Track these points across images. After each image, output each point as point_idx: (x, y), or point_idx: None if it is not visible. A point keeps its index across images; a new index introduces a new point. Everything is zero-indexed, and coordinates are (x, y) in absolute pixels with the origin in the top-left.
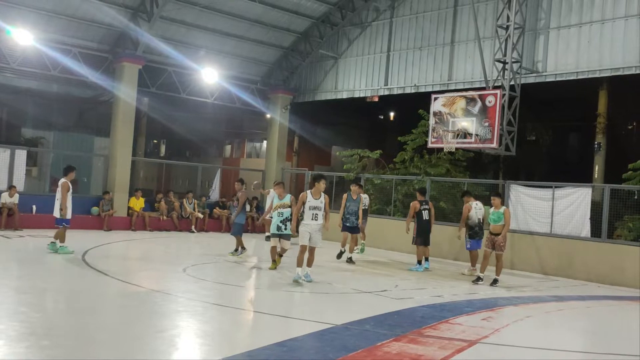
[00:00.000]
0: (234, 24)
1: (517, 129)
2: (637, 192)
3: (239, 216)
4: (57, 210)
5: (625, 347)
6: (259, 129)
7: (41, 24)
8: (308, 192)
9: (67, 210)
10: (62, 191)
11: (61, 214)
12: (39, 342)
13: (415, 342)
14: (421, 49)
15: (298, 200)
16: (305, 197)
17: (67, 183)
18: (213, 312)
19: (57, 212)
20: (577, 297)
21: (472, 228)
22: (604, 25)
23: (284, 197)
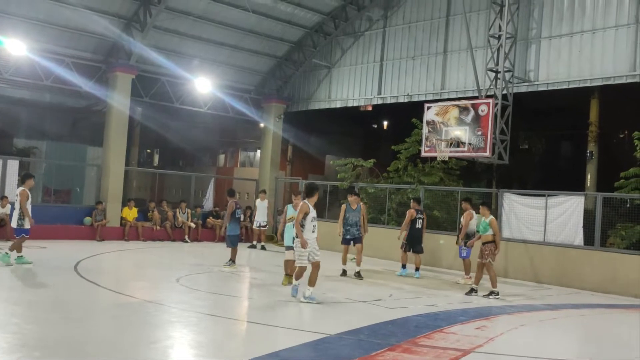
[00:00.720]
0: (228, 34)
1: (509, 137)
2: (630, 200)
3: (233, 227)
4: (14, 221)
5: (619, 355)
6: (253, 138)
7: (34, 33)
8: (307, 202)
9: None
10: (20, 200)
11: (19, 224)
12: (30, 354)
13: (410, 352)
14: (414, 59)
15: (299, 210)
16: (307, 208)
17: (25, 191)
18: (207, 322)
19: (14, 222)
20: (571, 306)
21: (469, 236)
22: (595, 34)
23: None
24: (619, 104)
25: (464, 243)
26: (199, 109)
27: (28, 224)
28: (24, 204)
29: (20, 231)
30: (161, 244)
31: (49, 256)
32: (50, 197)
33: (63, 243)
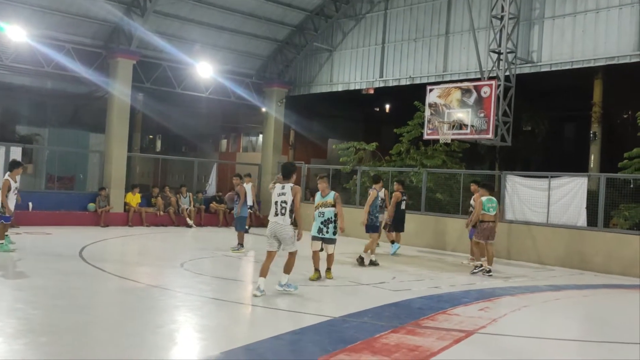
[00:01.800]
0: (228, 18)
1: (512, 119)
2: (633, 180)
3: (243, 210)
4: None
5: (622, 335)
6: (255, 123)
7: (34, 20)
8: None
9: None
10: (2, 188)
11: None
12: (37, 339)
13: (414, 333)
14: (416, 41)
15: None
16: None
17: (8, 181)
18: (211, 306)
19: None
20: (574, 286)
21: None
22: (599, 14)
23: (327, 194)
24: (622, 84)
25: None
26: (200, 94)
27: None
28: (4, 193)
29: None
30: (165, 229)
31: (54, 242)
32: (54, 184)
33: (67, 229)
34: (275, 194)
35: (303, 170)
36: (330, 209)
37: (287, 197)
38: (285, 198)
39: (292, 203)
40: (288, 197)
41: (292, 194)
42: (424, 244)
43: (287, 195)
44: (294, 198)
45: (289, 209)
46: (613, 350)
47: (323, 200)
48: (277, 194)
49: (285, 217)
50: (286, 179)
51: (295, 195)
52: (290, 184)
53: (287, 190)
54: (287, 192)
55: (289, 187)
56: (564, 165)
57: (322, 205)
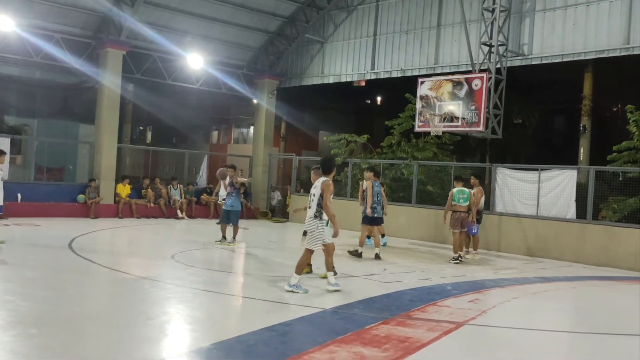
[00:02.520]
0: (219, 9)
1: (503, 112)
2: (622, 173)
3: (236, 203)
4: None
5: (611, 326)
6: (246, 115)
7: (22, 9)
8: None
9: None
10: None
11: None
12: (27, 331)
13: (404, 325)
14: (407, 33)
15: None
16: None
17: None
18: (202, 298)
19: None
20: (563, 278)
21: (480, 213)
22: (589, 7)
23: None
24: (612, 77)
25: (476, 220)
26: (191, 86)
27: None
28: None
29: None
30: (155, 220)
31: (43, 234)
32: (43, 175)
33: (57, 221)
34: (312, 187)
35: (294, 162)
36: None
37: (316, 190)
38: (314, 192)
39: (319, 197)
40: (317, 192)
41: (320, 188)
42: (415, 236)
43: (317, 189)
44: (323, 193)
45: (315, 203)
46: (602, 341)
47: None
48: (313, 187)
49: (311, 210)
50: (326, 173)
51: (324, 190)
52: (323, 179)
53: (318, 184)
54: (318, 186)
55: (320, 181)
56: (554, 158)
57: None
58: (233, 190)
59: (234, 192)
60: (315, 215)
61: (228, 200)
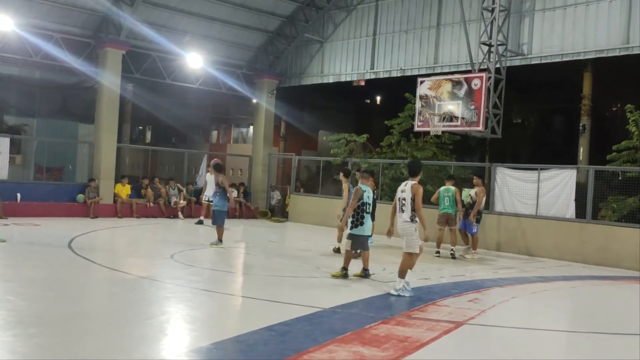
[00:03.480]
0: (218, 8)
1: (502, 111)
2: (621, 173)
3: (223, 203)
4: None
5: (610, 326)
6: (246, 115)
7: (22, 9)
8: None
9: None
10: None
11: None
12: (26, 330)
13: (403, 324)
14: (407, 32)
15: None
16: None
17: None
18: (201, 298)
19: None
20: (563, 278)
21: (479, 212)
22: (589, 7)
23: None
24: (611, 77)
25: (476, 219)
26: (190, 85)
27: None
28: None
29: None
30: (155, 220)
31: (43, 234)
32: (43, 175)
33: (56, 220)
34: (398, 191)
35: (294, 161)
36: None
37: (406, 194)
38: (404, 195)
39: (411, 201)
40: (407, 195)
41: (411, 192)
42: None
43: (407, 193)
44: (414, 197)
45: (409, 207)
46: (601, 341)
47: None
48: (400, 191)
49: (404, 214)
50: (412, 176)
51: (415, 194)
52: (412, 182)
53: (407, 188)
54: (407, 189)
55: (409, 184)
56: (553, 158)
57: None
58: (218, 189)
59: (219, 192)
60: (411, 219)
61: (214, 199)
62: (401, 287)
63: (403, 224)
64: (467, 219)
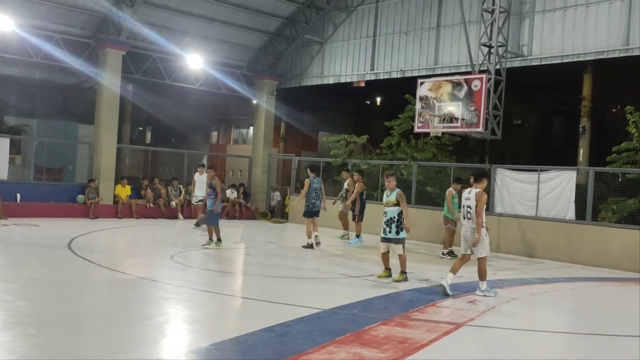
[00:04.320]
0: (218, 9)
1: (502, 113)
2: (621, 174)
3: (216, 205)
4: None
5: (609, 327)
6: (246, 115)
7: (22, 9)
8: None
9: None
10: None
11: None
12: (25, 331)
13: (403, 326)
14: (407, 34)
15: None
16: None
17: None
18: (201, 298)
19: None
20: (562, 279)
21: None
22: (589, 8)
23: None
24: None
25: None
26: (190, 86)
27: None
28: None
29: None
30: (154, 221)
31: (42, 234)
32: (43, 175)
33: (56, 221)
34: (463, 198)
35: (294, 162)
36: (393, 208)
37: (471, 202)
38: (469, 203)
39: (476, 208)
40: (472, 203)
41: (475, 199)
42: (415, 237)
43: (471, 201)
44: (477, 204)
45: (474, 214)
46: (601, 343)
47: (387, 199)
48: (465, 198)
49: (470, 221)
50: (477, 183)
51: (479, 201)
52: (477, 190)
53: (471, 195)
54: (471, 197)
55: (474, 192)
56: (553, 159)
57: (385, 205)
58: (212, 191)
59: (212, 194)
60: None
61: (208, 201)
62: (485, 288)
63: (469, 230)
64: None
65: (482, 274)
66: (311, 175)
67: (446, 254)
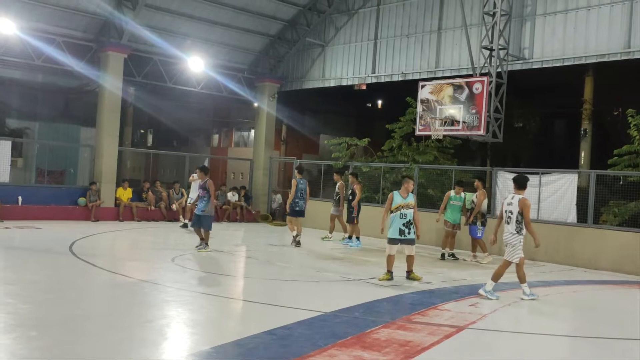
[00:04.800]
0: (220, 12)
1: (504, 115)
2: (623, 177)
3: (210, 207)
4: None
5: (611, 331)
6: (247, 118)
7: (24, 12)
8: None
9: None
10: None
11: None
12: (27, 333)
13: (404, 329)
14: (408, 37)
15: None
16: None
17: None
18: (202, 301)
19: None
20: (564, 282)
21: (484, 215)
22: (590, 11)
23: (408, 195)
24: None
25: (481, 223)
26: (192, 89)
27: None
28: None
29: None
30: (156, 224)
31: (44, 237)
32: (44, 178)
33: (57, 224)
34: (504, 204)
35: (295, 165)
36: (411, 210)
37: (513, 207)
38: (511, 208)
39: (518, 214)
40: (514, 209)
41: (519, 206)
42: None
43: (514, 207)
44: (522, 211)
45: (514, 219)
46: (602, 346)
47: (405, 201)
48: (506, 203)
49: (510, 226)
50: (519, 189)
51: (523, 208)
52: (519, 196)
53: (514, 201)
54: (514, 203)
55: (517, 198)
56: (554, 162)
57: (404, 207)
58: (205, 193)
59: (205, 196)
60: (516, 231)
61: (200, 204)
62: (490, 289)
63: (509, 235)
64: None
65: (497, 275)
66: (297, 176)
67: (450, 256)
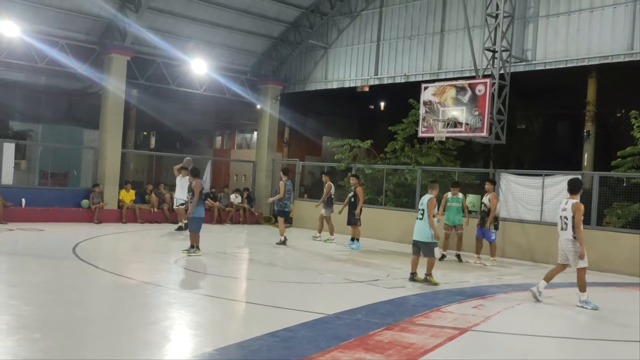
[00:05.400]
0: (223, 14)
1: (507, 117)
2: (626, 179)
3: (199, 209)
4: None
5: (614, 333)
6: (250, 120)
7: (28, 15)
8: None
9: None
10: None
11: None
12: (30, 335)
13: (407, 331)
14: (411, 38)
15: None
16: None
17: None
18: (205, 303)
19: None
20: (567, 284)
21: (497, 219)
22: (593, 13)
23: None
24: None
25: (494, 226)
26: (195, 91)
27: None
28: None
29: None
30: (159, 226)
31: (47, 239)
32: (47, 180)
33: (61, 226)
34: (559, 209)
35: (297, 167)
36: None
37: (567, 212)
38: (566, 214)
39: (572, 219)
40: (569, 214)
41: (572, 210)
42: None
43: (568, 212)
44: (574, 215)
45: (570, 225)
46: (607, 348)
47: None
48: (561, 209)
49: (566, 232)
50: (572, 194)
51: (575, 212)
52: (573, 200)
53: (568, 206)
54: (568, 208)
55: (570, 203)
56: (557, 164)
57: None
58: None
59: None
60: (573, 237)
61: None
62: (584, 299)
63: (566, 242)
64: (483, 227)
65: (581, 285)
66: (284, 178)
67: (455, 257)
